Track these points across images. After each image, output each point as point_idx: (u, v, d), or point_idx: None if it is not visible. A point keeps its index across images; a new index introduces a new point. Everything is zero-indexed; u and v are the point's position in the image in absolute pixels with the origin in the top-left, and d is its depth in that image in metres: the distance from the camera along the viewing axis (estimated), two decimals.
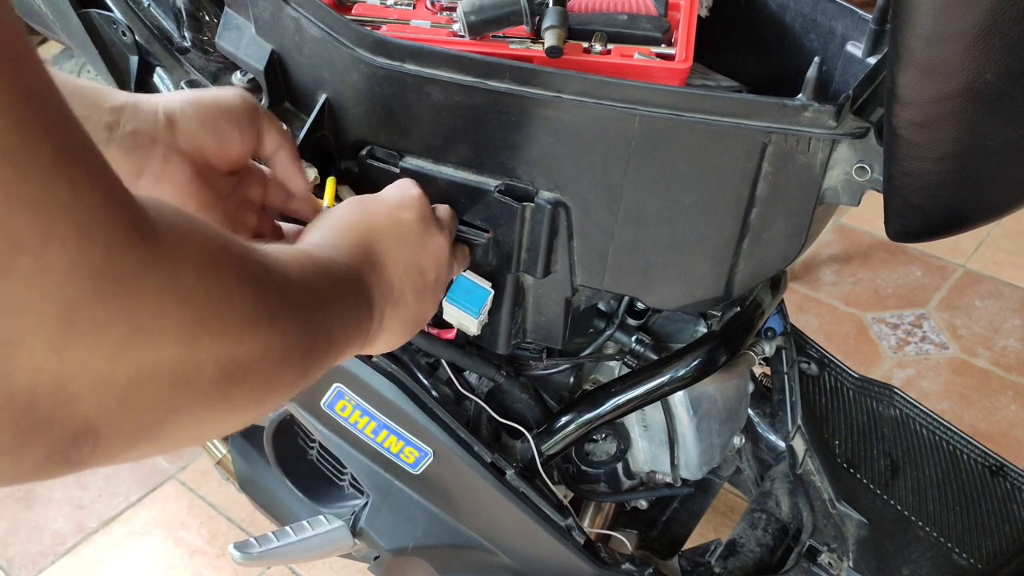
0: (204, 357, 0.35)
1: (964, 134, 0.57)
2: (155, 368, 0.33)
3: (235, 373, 0.38)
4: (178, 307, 0.34)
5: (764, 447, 1.11)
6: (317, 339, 0.47)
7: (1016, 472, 1.06)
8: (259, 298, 0.40)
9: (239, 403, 0.40)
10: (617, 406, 0.87)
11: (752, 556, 1.03)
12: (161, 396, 0.34)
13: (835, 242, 2.22)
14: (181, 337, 0.34)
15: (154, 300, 0.33)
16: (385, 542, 0.98)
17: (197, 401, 0.36)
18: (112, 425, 0.33)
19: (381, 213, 0.65)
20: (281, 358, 0.42)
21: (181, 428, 0.37)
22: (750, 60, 0.86)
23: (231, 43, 0.82)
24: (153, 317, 0.33)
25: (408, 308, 0.64)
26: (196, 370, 0.35)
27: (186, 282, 0.34)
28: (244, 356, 0.38)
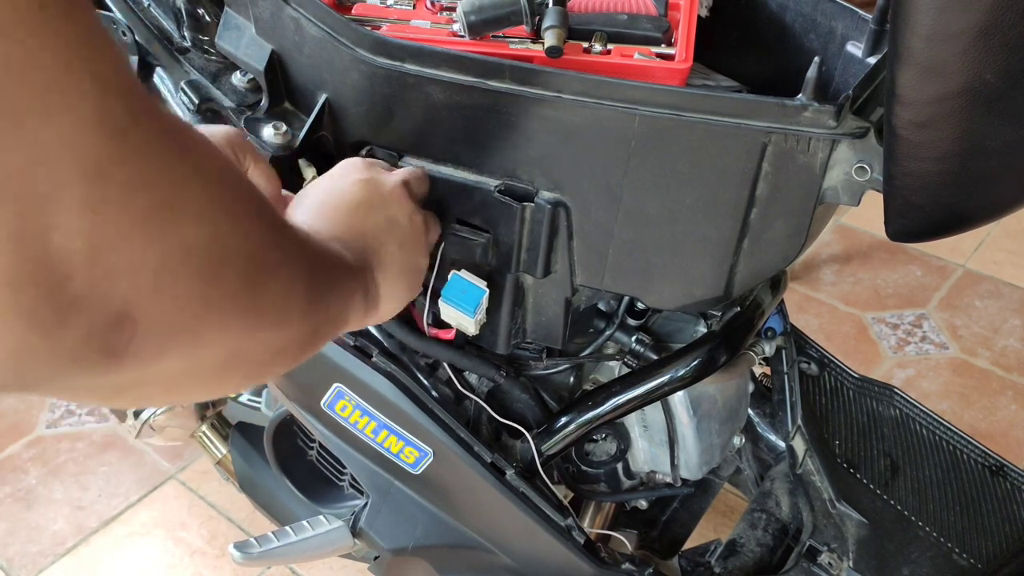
0: (228, 248, 0.36)
1: (964, 134, 0.57)
2: (183, 250, 0.34)
3: (255, 278, 0.39)
4: (196, 186, 0.35)
5: (764, 447, 1.11)
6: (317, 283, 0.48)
7: (1016, 472, 1.06)
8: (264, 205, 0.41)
9: (259, 320, 0.40)
10: (617, 406, 0.87)
11: (752, 556, 1.03)
12: (192, 285, 0.35)
13: (835, 242, 2.22)
14: (202, 219, 0.35)
15: (173, 176, 0.33)
16: (385, 542, 0.98)
17: (226, 298, 0.37)
18: (149, 312, 0.33)
19: (325, 189, 0.66)
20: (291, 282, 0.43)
21: (212, 333, 0.37)
22: (750, 60, 0.86)
23: (231, 43, 0.82)
24: (175, 190, 0.33)
25: (395, 258, 0.64)
26: (221, 260, 0.36)
27: (201, 164, 0.35)
28: (261, 260, 0.40)
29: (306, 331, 0.47)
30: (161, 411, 1.20)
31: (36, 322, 0.30)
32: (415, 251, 0.68)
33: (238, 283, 0.38)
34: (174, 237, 0.33)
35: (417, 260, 0.68)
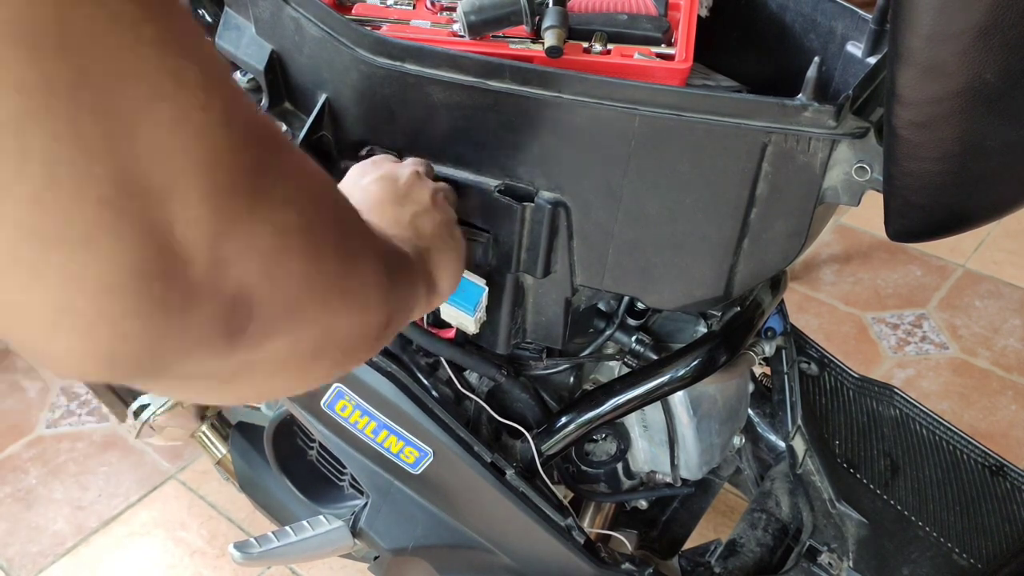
0: (321, 230, 0.38)
1: (964, 134, 0.57)
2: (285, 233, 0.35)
3: (348, 258, 0.42)
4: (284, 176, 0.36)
5: (764, 447, 1.11)
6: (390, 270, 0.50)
7: (1016, 472, 1.06)
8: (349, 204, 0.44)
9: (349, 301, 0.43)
10: (617, 406, 0.87)
11: (752, 556, 1.03)
12: (295, 266, 0.37)
13: (835, 242, 2.22)
14: (290, 204, 0.36)
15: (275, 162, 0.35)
16: (385, 542, 0.98)
17: (324, 277, 0.39)
18: (261, 292, 0.35)
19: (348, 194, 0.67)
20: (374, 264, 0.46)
21: (313, 313, 0.39)
22: (750, 60, 0.86)
23: (231, 43, 0.82)
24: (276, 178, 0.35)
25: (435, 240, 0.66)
26: (318, 242, 0.38)
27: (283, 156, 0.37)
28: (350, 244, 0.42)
29: (383, 318, 0.48)
30: (161, 411, 1.20)
31: (166, 308, 0.31)
32: (448, 225, 0.69)
33: (333, 264, 0.40)
34: (276, 221, 0.35)
35: (453, 232, 0.69)
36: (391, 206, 0.66)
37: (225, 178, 0.32)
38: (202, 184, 0.31)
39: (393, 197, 0.67)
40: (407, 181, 0.69)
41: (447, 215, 0.70)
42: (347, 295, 0.42)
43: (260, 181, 0.34)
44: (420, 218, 0.66)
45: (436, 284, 0.64)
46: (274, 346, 0.37)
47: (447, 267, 0.66)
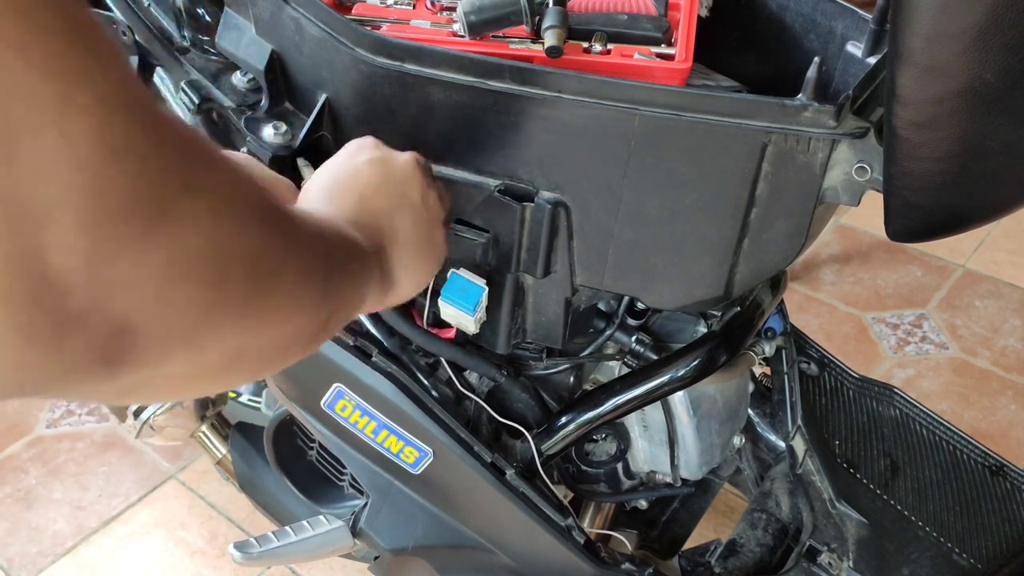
0: (229, 254, 0.36)
1: (964, 134, 0.57)
2: (183, 259, 0.34)
3: (262, 277, 0.39)
4: (193, 197, 0.34)
5: (764, 447, 1.11)
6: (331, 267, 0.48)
7: (1016, 472, 1.06)
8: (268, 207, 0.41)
9: (268, 314, 0.41)
10: (617, 406, 0.87)
11: (752, 556, 1.03)
12: (193, 292, 0.35)
13: (835, 242, 2.22)
14: (199, 227, 0.34)
15: (170, 187, 0.33)
16: (385, 542, 0.98)
17: (230, 303, 0.37)
18: (149, 320, 0.33)
19: (335, 171, 0.66)
20: (304, 274, 0.43)
21: (213, 336, 0.37)
22: (750, 60, 0.86)
23: (231, 43, 0.82)
24: (175, 200, 0.33)
25: (409, 236, 0.64)
26: (223, 266, 0.36)
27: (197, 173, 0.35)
28: (268, 260, 0.40)
29: (319, 320, 0.47)
30: (161, 411, 1.20)
31: (35, 337, 0.30)
32: (430, 226, 0.67)
33: (242, 286, 0.38)
34: (174, 247, 0.33)
35: (433, 235, 0.68)
36: (376, 193, 0.64)
37: (112, 206, 0.30)
38: (83, 212, 0.30)
39: (381, 183, 0.65)
40: (403, 171, 0.67)
41: (433, 215, 0.68)
42: (262, 312, 0.40)
43: (159, 207, 0.32)
44: (401, 212, 0.64)
45: (394, 282, 0.62)
46: (171, 365, 0.36)
47: (413, 269, 0.64)
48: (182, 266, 0.34)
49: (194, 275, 0.34)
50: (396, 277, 0.63)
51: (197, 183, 0.35)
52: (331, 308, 0.48)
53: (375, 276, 0.59)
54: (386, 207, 0.63)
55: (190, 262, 0.34)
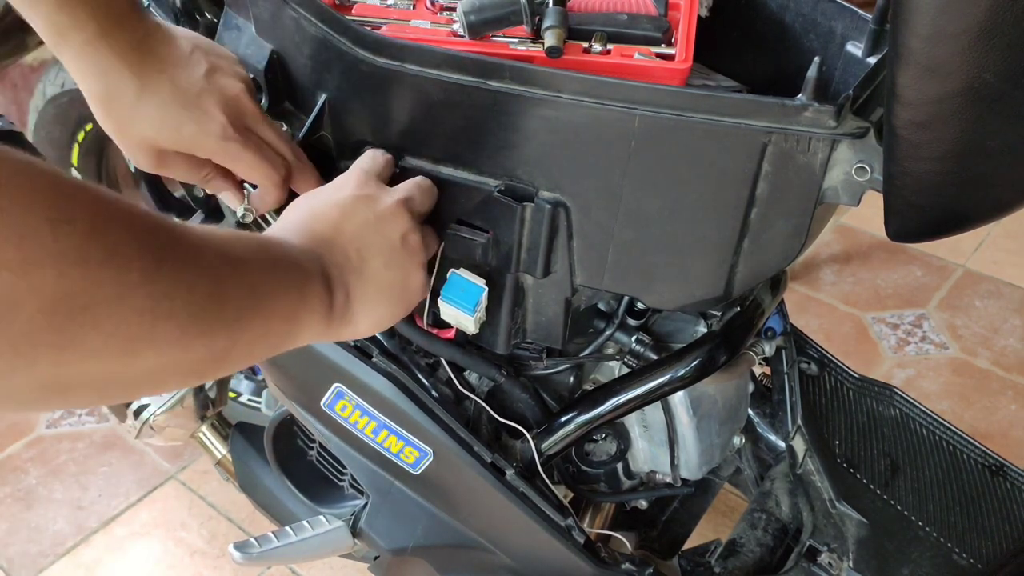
0: (10, 291, 0.35)
1: (964, 134, 0.57)
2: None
3: (70, 313, 0.37)
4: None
5: (764, 447, 1.11)
6: (222, 301, 0.46)
7: (1016, 472, 1.06)
8: (89, 242, 0.38)
9: (92, 350, 0.39)
10: (617, 406, 0.87)
11: (752, 556, 1.03)
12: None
13: (835, 242, 2.22)
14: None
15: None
16: (385, 542, 0.98)
17: (14, 338, 0.36)
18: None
19: (320, 199, 0.66)
20: (145, 309, 0.41)
21: (11, 366, 0.36)
22: (750, 60, 0.86)
23: (231, 43, 0.82)
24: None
25: (378, 276, 0.64)
26: (3, 303, 0.35)
27: None
28: (81, 299, 0.38)
29: (201, 352, 0.45)
30: (161, 411, 1.20)
31: None
32: (406, 270, 0.67)
33: (34, 323, 0.36)
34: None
35: (407, 279, 0.67)
36: (352, 227, 0.63)
37: None
38: None
39: (359, 220, 0.64)
40: (386, 210, 0.66)
41: (412, 257, 0.67)
42: (81, 347, 0.38)
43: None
44: (375, 250, 0.64)
45: (349, 317, 0.61)
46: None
47: (375, 308, 0.64)
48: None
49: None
50: (352, 314, 0.62)
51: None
52: (226, 339, 0.47)
53: (317, 310, 0.58)
54: (359, 243, 0.63)
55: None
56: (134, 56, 0.67)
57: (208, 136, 0.69)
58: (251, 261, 0.51)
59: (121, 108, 0.68)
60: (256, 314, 0.50)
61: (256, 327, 0.50)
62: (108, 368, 0.41)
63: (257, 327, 0.50)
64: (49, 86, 1.30)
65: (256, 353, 0.52)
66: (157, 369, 0.43)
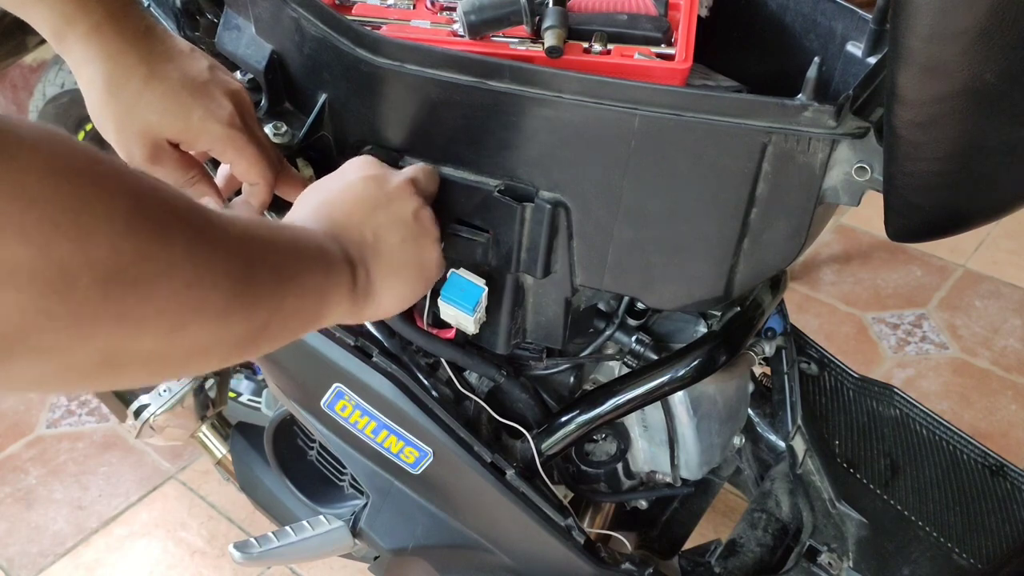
0: (69, 261, 0.36)
1: (964, 134, 0.57)
2: (9, 269, 0.33)
3: (125, 285, 0.38)
4: (18, 208, 0.34)
5: (764, 447, 1.11)
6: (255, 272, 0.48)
7: (1016, 472, 1.06)
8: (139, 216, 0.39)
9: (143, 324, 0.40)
10: (617, 406, 0.87)
11: (752, 556, 1.03)
12: (24, 300, 0.34)
13: (835, 242, 2.22)
14: (27, 238, 0.34)
15: None
16: (385, 542, 0.98)
17: (79, 310, 0.37)
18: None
19: (328, 185, 0.67)
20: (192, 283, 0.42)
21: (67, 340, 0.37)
22: (750, 60, 0.86)
23: (231, 43, 0.82)
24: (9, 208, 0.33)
25: (395, 253, 0.65)
26: (64, 276, 0.36)
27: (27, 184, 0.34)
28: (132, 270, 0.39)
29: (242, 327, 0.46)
30: (161, 411, 1.20)
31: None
32: (421, 246, 0.68)
33: (92, 295, 0.37)
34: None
35: (422, 255, 0.68)
36: (364, 208, 0.64)
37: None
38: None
39: (373, 200, 0.65)
40: (396, 189, 0.67)
41: (426, 232, 0.68)
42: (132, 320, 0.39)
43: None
44: (390, 228, 0.65)
45: (372, 296, 0.63)
46: (21, 366, 0.36)
47: (396, 285, 0.65)
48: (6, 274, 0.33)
49: (23, 283, 0.34)
50: (375, 292, 0.63)
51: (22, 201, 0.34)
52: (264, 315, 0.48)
53: (343, 288, 0.59)
54: (373, 223, 0.64)
55: (12, 272, 0.34)
56: (143, 43, 0.68)
57: (216, 123, 0.69)
58: (277, 241, 0.53)
59: (127, 93, 0.67)
60: (288, 291, 0.51)
61: (289, 304, 0.52)
62: (159, 343, 0.42)
63: (290, 304, 0.52)
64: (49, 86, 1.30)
65: (291, 329, 0.54)
66: (203, 344, 0.45)
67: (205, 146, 0.71)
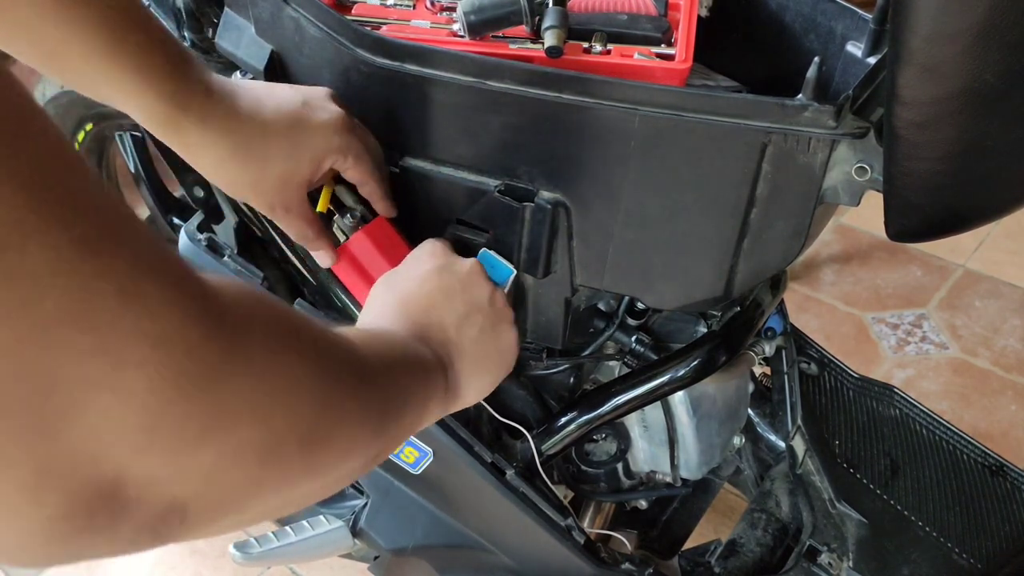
0: (283, 432, 0.36)
1: (964, 134, 0.57)
2: (237, 449, 0.33)
3: (315, 442, 0.39)
4: (251, 389, 0.34)
5: (764, 447, 1.11)
6: (390, 401, 0.48)
7: (1016, 472, 1.06)
8: (325, 371, 0.40)
9: (321, 470, 0.40)
10: (617, 406, 0.87)
11: (752, 556, 1.03)
12: (245, 474, 0.34)
13: (835, 242, 2.22)
14: (256, 416, 0.34)
15: (230, 387, 0.33)
16: (385, 542, 0.98)
17: (281, 474, 0.37)
18: (199, 502, 0.33)
19: (401, 279, 0.68)
20: (359, 423, 0.43)
21: (267, 499, 0.37)
22: (750, 60, 0.86)
23: (231, 43, 0.82)
24: (230, 402, 0.33)
25: (476, 346, 0.65)
26: (277, 445, 0.36)
27: (255, 360, 0.34)
28: (321, 426, 0.39)
29: (376, 450, 0.47)
30: None
31: (90, 529, 0.30)
32: (499, 332, 0.68)
33: (294, 457, 0.37)
34: (227, 442, 0.33)
35: (501, 342, 0.69)
36: (443, 301, 0.65)
37: (164, 429, 0.30)
38: (139, 438, 0.29)
39: (446, 291, 0.66)
40: (466, 275, 0.68)
41: (502, 315, 0.69)
42: (314, 470, 0.40)
43: (207, 414, 0.31)
44: (469, 319, 0.65)
45: (458, 393, 0.63)
46: (218, 527, 0.36)
47: (479, 378, 0.65)
48: (234, 454, 0.33)
49: (247, 459, 0.34)
50: (461, 389, 0.63)
51: (254, 380, 0.34)
52: (390, 436, 0.48)
53: (439, 391, 0.59)
54: (453, 315, 0.64)
55: (243, 449, 0.34)
56: (240, 102, 0.66)
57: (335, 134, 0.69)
58: (398, 362, 0.53)
59: (255, 157, 0.67)
60: (405, 412, 0.52)
61: (406, 421, 0.52)
62: (324, 481, 0.42)
63: (407, 421, 0.52)
64: (49, 86, 1.30)
65: (399, 441, 0.54)
66: (348, 473, 0.45)
67: (333, 162, 0.70)
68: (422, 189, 0.77)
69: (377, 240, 0.76)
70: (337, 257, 0.75)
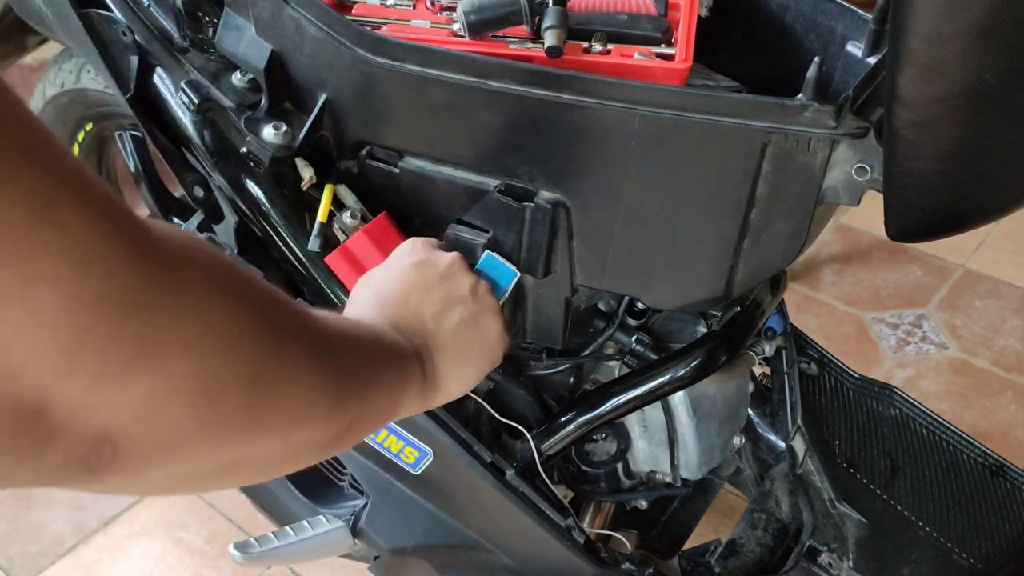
0: (220, 372, 0.36)
1: (964, 134, 0.57)
2: (171, 383, 0.34)
3: (259, 393, 0.39)
4: (183, 324, 0.34)
5: (764, 447, 1.11)
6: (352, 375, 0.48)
7: (1016, 472, 1.06)
8: (269, 323, 0.40)
9: (270, 427, 0.40)
10: (617, 406, 0.87)
11: (752, 556, 1.03)
12: (179, 410, 0.35)
13: (835, 242, 2.22)
14: (190, 353, 0.34)
15: (157, 318, 0.33)
16: (385, 542, 0.98)
17: (222, 419, 0.37)
18: (130, 436, 0.33)
19: (379, 276, 0.67)
20: (312, 386, 0.43)
21: (207, 448, 0.37)
22: (750, 60, 0.86)
23: (231, 43, 0.82)
24: (159, 334, 0.33)
25: (456, 337, 0.65)
26: (215, 386, 0.36)
27: (187, 296, 0.35)
28: (264, 375, 0.39)
29: (336, 427, 0.47)
30: None
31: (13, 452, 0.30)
32: (480, 322, 0.68)
33: (236, 403, 0.37)
34: (158, 374, 0.33)
35: (483, 331, 0.68)
36: (421, 294, 0.64)
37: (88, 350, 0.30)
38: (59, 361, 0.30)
39: (423, 284, 0.65)
40: (445, 268, 0.68)
41: (485, 305, 0.68)
42: (259, 425, 0.39)
43: (133, 343, 0.32)
44: (447, 311, 0.65)
45: (438, 386, 0.63)
46: (155, 473, 0.36)
47: (462, 369, 0.65)
48: (166, 389, 0.34)
49: (181, 396, 0.34)
50: (441, 380, 0.63)
51: (187, 312, 0.34)
52: (353, 415, 0.48)
53: (415, 381, 0.59)
54: (430, 307, 0.64)
55: (176, 385, 0.34)
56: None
57: None
58: (365, 342, 0.53)
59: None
60: (372, 392, 0.51)
61: (372, 403, 0.52)
62: (272, 446, 0.42)
63: (372, 404, 0.52)
64: (49, 86, 1.30)
65: (369, 427, 0.54)
66: (303, 444, 0.44)
67: None
68: (422, 189, 0.77)
69: (378, 240, 0.76)
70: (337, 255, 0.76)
